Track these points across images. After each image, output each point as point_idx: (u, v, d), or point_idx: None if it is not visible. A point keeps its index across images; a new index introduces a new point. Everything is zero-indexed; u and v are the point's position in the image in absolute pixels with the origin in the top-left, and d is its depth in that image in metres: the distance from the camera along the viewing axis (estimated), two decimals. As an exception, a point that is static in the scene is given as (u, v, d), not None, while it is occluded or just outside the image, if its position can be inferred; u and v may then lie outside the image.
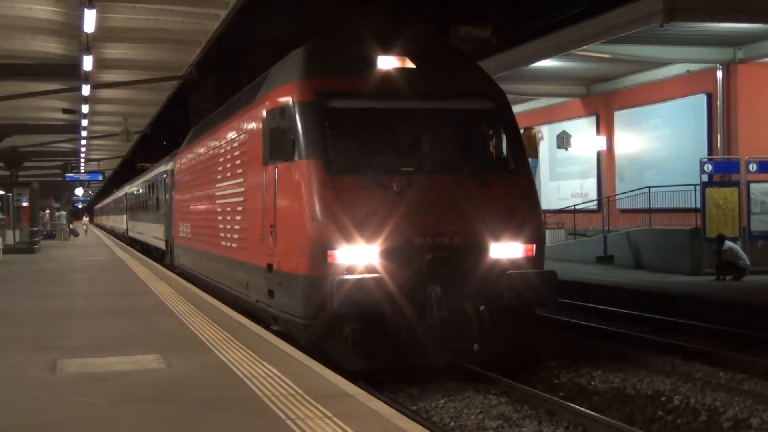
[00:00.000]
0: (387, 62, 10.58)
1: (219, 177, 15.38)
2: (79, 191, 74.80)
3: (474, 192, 10.12)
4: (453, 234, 9.78)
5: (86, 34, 15.15)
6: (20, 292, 17.04)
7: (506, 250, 10.00)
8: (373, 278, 9.24)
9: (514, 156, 10.77)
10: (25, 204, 44.46)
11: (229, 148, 14.54)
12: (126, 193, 47.86)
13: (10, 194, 41.41)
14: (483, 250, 9.88)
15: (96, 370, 8.34)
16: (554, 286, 10.22)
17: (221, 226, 15.01)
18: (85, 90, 21.22)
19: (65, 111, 27.03)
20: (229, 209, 14.34)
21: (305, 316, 9.85)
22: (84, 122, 28.54)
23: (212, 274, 16.29)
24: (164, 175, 25.47)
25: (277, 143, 10.42)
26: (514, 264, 9.95)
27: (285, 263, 10.45)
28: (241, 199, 13.19)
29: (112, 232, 64.87)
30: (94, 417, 6.54)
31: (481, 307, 9.61)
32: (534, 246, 10.24)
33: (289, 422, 6.19)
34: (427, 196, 9.84)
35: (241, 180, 13.31)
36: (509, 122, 11.02)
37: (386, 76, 10.51)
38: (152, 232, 29.11)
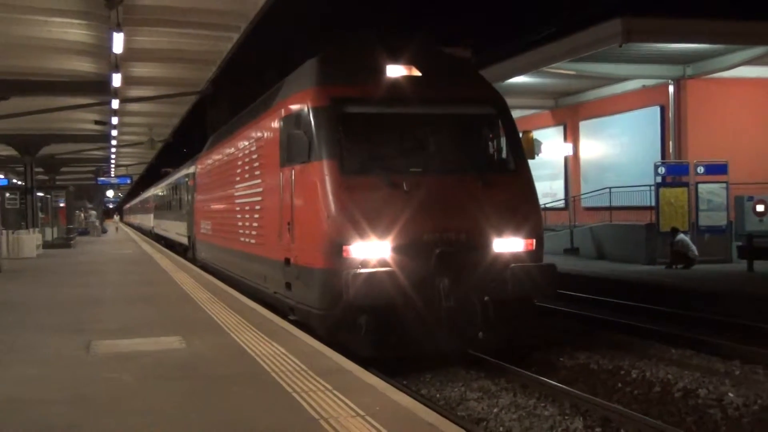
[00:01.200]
0: (395, 70, 10.10)
1: (237, 179, 14.72)
2: (109, 193, 74.74)
3: (478, 191, 9.58)
4: (459, 230, 9.27)
5: (115, 54, 15.11)
6: (58, 282, 16.97)
7: (509, 244, 9.48)
8: (386, 272, 8.73)
9: (515, 157, 10.19)
10: (62, 205, 44.51)
11: (247, 152, 13.92)
12: (152, 195, 47.67)
13: (48, 196, 41.40)
14: (487, 245, 9.37)
15: (124, 350, 8.35)
16: (554, 278, 9.63)
17: (240, 223, 14.36)
18: (115, 104, 21.18)
19: (97, 122, 26.95)
20: (247, 208, 13.66)
21: (321, 307, 9.31)
22: (114, 132, 28.49)
23: (231, 267, 15.74)
24: (186, 179, 25.23)
25: (294, 146, 9.77)
26: (516, 258, 9.41)
27: (302, 258, 9.92)
28: (259, 198, 12.55)
29: (139, 229, 64.64)
30: (123, 391, 6.56)
31: (486, 298, 9.17)
32: (534, 241, 9.71)
33: (294, 395, 6.20)
34: (434, 195, 9.33)
35: (258, 181, 12.67)
36: (509, 126, 10.42)
37: (394, 84, 10.01)
38: (176, 229, 28.77)
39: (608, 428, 7.51)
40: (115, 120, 25.12)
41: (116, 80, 17.37)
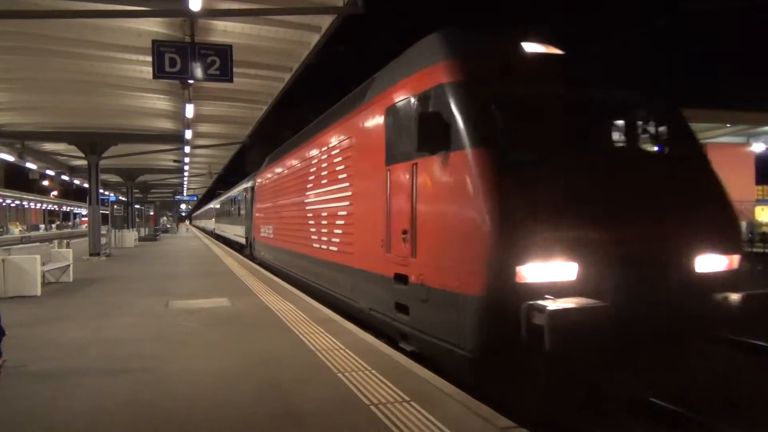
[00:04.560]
0: (533, 47, 5.36)
1: (310, 186, 9.67)
2: (183, 206, 73.30)
3: (671, 188, 4.83)
4: (664, 239, 4.57)
5: (187, 118, 14.96)
6: (147, 262, 16.66)
7: (713, 261, 4.76)
8: (594, 308, 4.03)
9: (692, 144, 5.33)
10: (151, 213, 43.69)
11: (325, 157, 8.79)
12: (211, 207, 46.73)
13: (142, 208, 40.58)
14: (692, 260, 4.68)
15: (191, 306, 8.28)
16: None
17: (313, 229, 9.36)
18: (186, 149, 20.98)
19: (174, 161, 26.54)
20: (324, 214, 8.69)
21: (475, 348, 4.44)
22: (185, 167, 28.09)
23: (296, 269, 10.95)
24: (244, 192, 21.85)
25: (420, 136, 4.98)
26: (720, 280, 4.71)
27: (435, 277, 5.00)
28: (346, 203, 7.60)
29: (203, 230, 63.34)
30: (190, 332, 6.52)
31: (687, 334, 4.56)
32: (739, 257, 4.90)
33: (300, 335, 6.23)
34: (624, 194, 4.62)
35: (345, 185, 7.65)
36: (675, 111, 5.56)
37: (538, 60, 5.27)
38: (234, 231, 25.67)
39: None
40: (186, 159, 24.89)
41: (188, 134, 17.17)
